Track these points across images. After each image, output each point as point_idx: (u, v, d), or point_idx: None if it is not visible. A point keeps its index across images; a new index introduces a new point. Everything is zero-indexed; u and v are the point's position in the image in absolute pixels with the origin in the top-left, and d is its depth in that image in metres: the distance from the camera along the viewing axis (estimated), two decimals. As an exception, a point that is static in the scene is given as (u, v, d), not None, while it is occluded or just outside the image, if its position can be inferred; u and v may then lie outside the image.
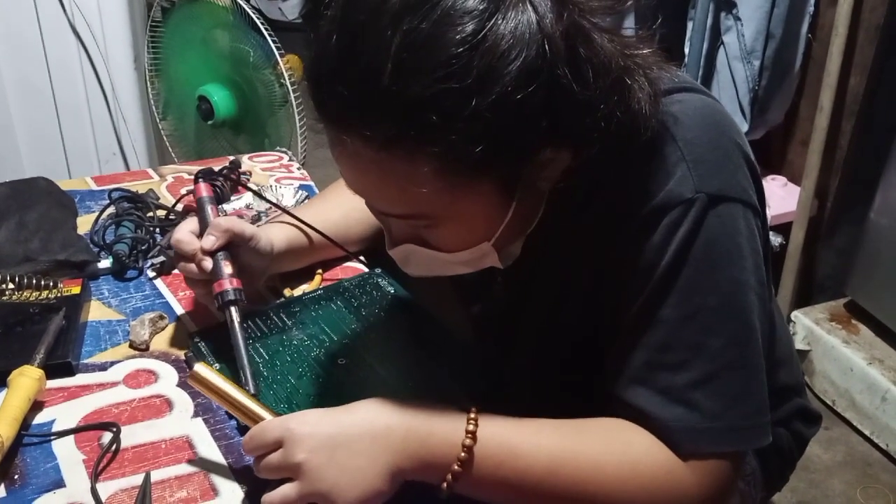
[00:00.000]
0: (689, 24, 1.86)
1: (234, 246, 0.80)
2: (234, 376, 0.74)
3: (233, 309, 0.77)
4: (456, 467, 0.60)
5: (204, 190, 0.88)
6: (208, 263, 0.79)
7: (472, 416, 0.61)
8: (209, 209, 0.85)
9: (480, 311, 0.88)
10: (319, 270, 0.96)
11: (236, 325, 0.76)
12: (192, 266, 0.79)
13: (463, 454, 0.59)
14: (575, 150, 0.60)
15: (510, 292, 0.80)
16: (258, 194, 1.07)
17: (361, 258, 0.98)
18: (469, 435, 0.60)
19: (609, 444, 0.62)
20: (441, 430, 0.61)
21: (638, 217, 0.62)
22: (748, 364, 0.62)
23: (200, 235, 0.81)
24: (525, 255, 0.70)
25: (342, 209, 0.94)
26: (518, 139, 0.55)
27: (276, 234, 0.87)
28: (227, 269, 0.79)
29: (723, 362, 0.61)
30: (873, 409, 1.69)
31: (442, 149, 0.54)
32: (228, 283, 0.78)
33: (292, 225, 0.90)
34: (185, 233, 0.81)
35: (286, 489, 0.60)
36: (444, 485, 0.60)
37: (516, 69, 0.52)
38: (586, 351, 0.71)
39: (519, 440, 0.61)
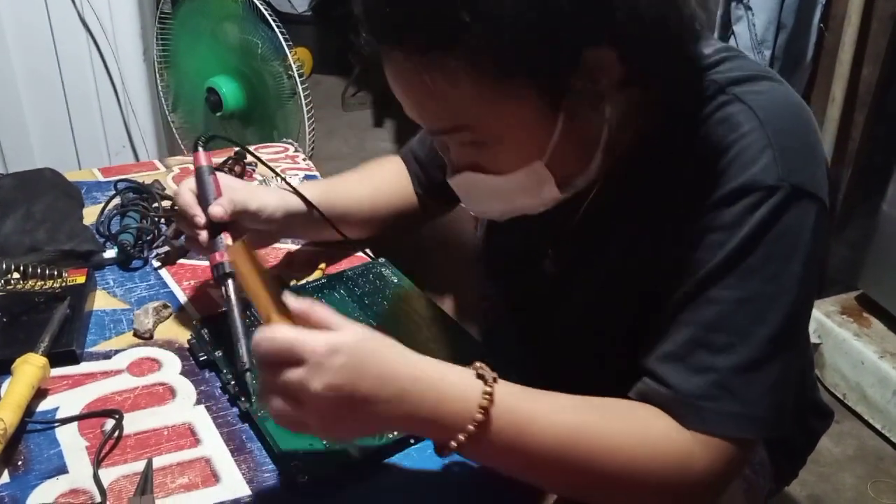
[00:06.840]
0: (700, 15, 1.84)
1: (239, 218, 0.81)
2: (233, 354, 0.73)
3: (230, 282, 0.76)
4: (462, 438, 0.57)
5: (203, 158, 0.82)
6: (206, 236, 0.78)
7: (488, 389, 0.58)
8: (210, 180, 0.80)
9: (523, 289, 0.85)
10: (322, 265, 0.95)
11: (233, 298, 0.75)
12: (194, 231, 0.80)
13: (472, 427, 0.56)
14: (619, 52, 0.59)
15: (561, 266, 0.79)
16: (273, 170, 1.06)
17: (368, 252, 0.97)
18: (481, 410, 0.57)
19: (626, 424, 0.61)
20: (453, 402, 0.57)
21: (715, 196, 0.62)
22: (788, 358, 0.62)
23: (200, 205, 0.80)
24: (581, 227, 0.70)
25: (371, 187, 0.94)
26: (546, 34, 0.56)
27: (276, 200, 0.85)
28: (226, 240, 0.78)
29: (766, 352, 0.61)
30: (885, 403, 1.67)
31: (471, 49, 0.56)
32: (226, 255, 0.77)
33: (294, 193, 0.88)
34: (188, 195, 0.80)
35: (286, 408, 0.55)
36: (454, 443, 0.57)
37: None
38: (623, 334, 0.71)
39: (533, 417, 0.59)
